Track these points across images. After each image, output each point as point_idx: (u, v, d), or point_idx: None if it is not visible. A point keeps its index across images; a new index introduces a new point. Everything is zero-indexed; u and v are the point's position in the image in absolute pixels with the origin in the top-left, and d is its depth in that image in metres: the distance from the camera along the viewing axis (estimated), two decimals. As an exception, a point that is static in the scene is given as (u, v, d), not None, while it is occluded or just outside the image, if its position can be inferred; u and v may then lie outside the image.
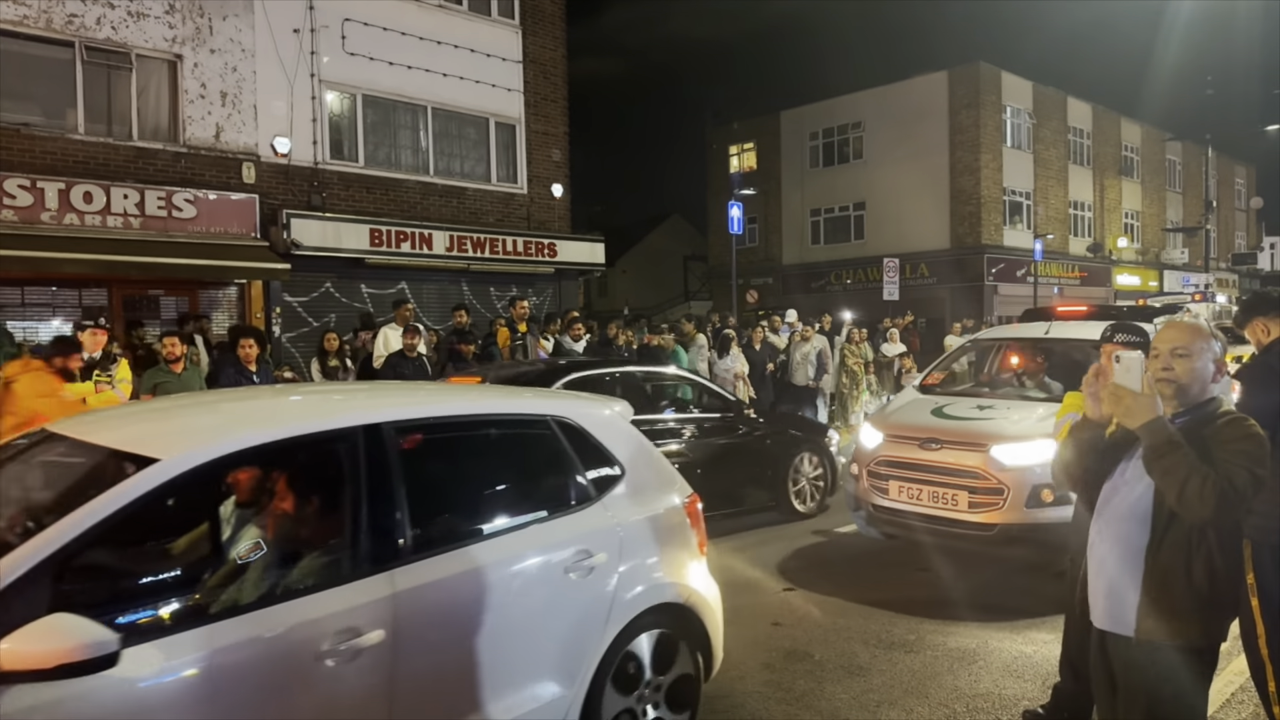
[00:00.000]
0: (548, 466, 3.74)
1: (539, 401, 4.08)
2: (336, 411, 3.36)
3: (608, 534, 3.61)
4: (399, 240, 14.75)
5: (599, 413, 3.97)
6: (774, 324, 14.86)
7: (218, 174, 13.20)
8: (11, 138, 11.46)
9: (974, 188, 28.99)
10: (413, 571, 2.98)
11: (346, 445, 3.04)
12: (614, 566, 3.57)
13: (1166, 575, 2.49)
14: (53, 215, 11.53)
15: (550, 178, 17.70)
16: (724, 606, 4.12)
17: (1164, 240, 38.68)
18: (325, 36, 14.33)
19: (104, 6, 12.18)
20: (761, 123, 34.90)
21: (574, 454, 3.70)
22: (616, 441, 3.89)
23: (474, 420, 3.64)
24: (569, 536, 3.49)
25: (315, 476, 3.14)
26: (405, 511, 3.04)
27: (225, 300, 13.59)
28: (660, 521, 3.87)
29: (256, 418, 3.22)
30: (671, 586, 3.80)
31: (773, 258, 34.11)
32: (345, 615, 2.76)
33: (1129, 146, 36.54)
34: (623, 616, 3.55)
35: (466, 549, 3.18)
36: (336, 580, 2.84)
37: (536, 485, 3.73)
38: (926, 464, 6.34)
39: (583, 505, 3.64)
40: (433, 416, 3.47)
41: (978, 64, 29.28)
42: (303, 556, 2.99)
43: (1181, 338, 2.62)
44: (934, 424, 6.58)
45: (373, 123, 15.25)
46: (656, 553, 3.79)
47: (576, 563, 3.45)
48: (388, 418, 3.19)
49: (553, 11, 17.78)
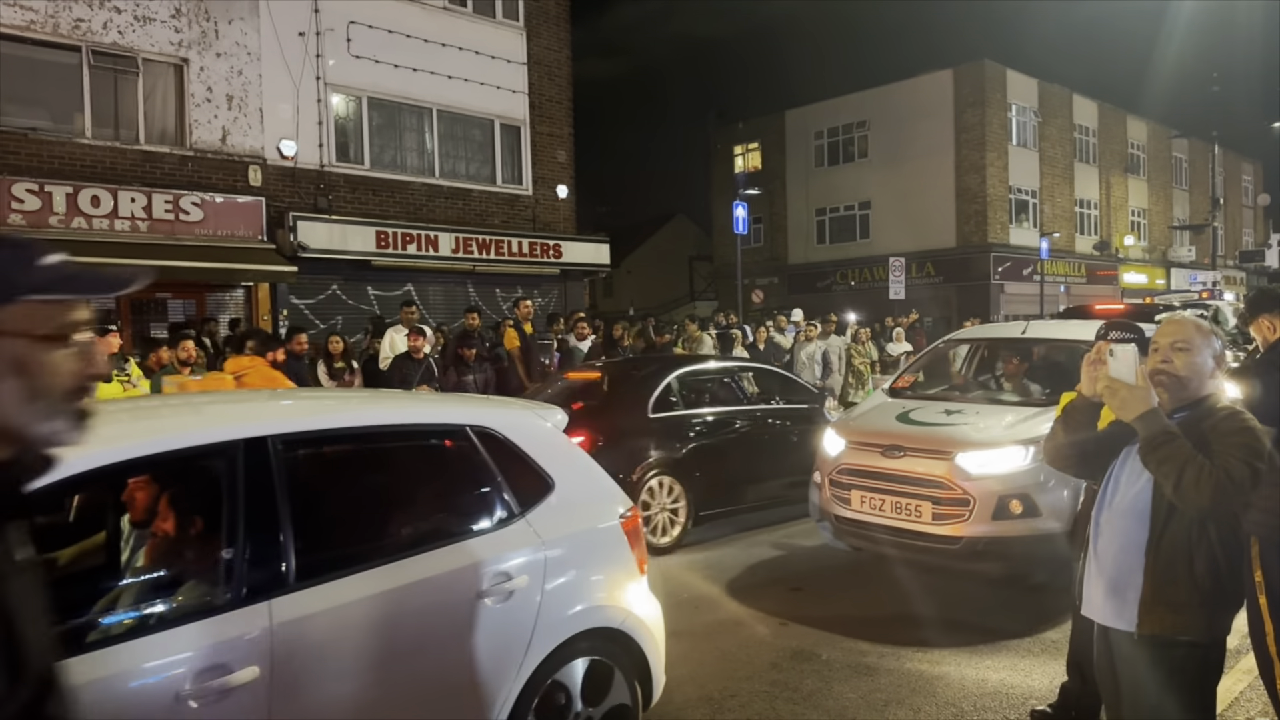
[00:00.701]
0: (463, 481, 3.46)
1: (456, 410, 3.73)
2: (213, 423, 3.01)
3: (531, 554, 3.32)
4: (405, 242, 14.79)
5: (526, 421, 3.64)
6: (780, 323, 14.85)
7: (224, 177, 13.25)
8: (19, 142, 11.52)
9: (980, 186, 28.94)
10: (296, 601, 2.70)
11: (223, 461, 2.76)
12: (537, 589, 3.29)
13: (1168, 571, 2.49)
14: (60, 219, 11.59)
15: (555, 179, 17.73)
16: (731, 604, 4.11)
17: (1171, 238, 38.57)
18: (330, 39, 14.38)
19: (110, 11, 12.24)
20: (766, 122, 34.90)
21: (495, 467, 3.38)
22: (546, 452, 3.57)
23: (378, 431, 3.33)
24: (485, 558, 3.19)
25: (184, 497, 2.87)
26: (290, 535, 2.76)
27: (232, 303, 13.64)
28: (594, 539, 3.61)
29: (115, 433, 2.76)
30: (605, 610, 3.53)
31: (778, 257, 34.10)
32: (212, 651, 2.51)
33: (1135, 144, 36.45)
34: (547, 644, 3.28)
35: (361, 575, 2.89)
36: (203, 612, 2.58)
37: (449, 502, 3.45)
38: (889, 473, 5.97)
39: (503, 523, 3.34)
40: (329, 428, 3.19)
41: (983, 62, 29.24)
42: (162, 587, 2.75)
43: (1181, 332, 2.61)
44: (898, 430, 6.22)
45: (378, 125, 15.29)
46: (589, 573, 3.53)
47: (493, 587, 3.16)
48: (274, 430, 2.91)
49: (557, 13, 17.80)
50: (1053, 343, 7.43)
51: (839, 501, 6.27)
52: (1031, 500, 5.55)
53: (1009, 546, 5.54)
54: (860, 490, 6.13)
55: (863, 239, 31.66)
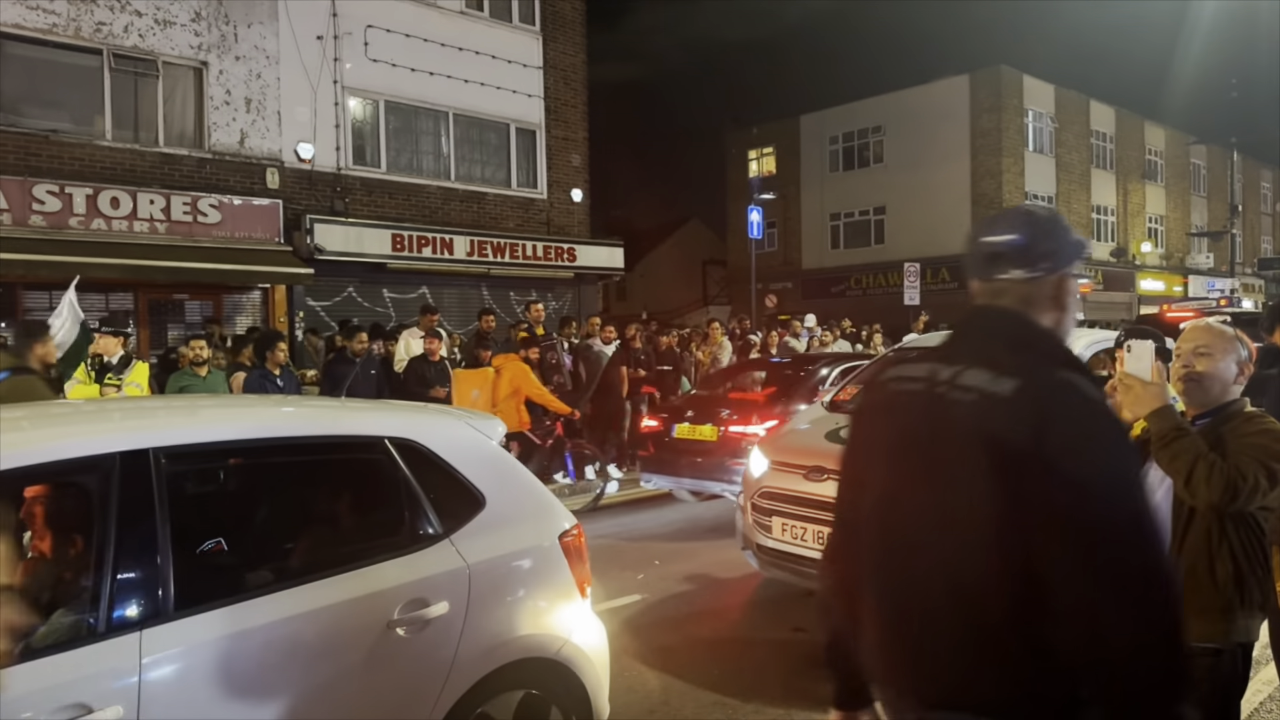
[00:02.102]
0: (378, 499, 3.18)
1: (374, 420, 3.36)
2: (88, 434, 2.69)
3: (453, 578, 3.01)
4: (420, 245, 14.85)
5: (456, 433, 3.35)
6: (794, 328, 14.83)
7: (242, 179, 13.35)
8: (41, 144, 11.64)
9: (996, 192, 28.82)
10: (172, 631, 2.45)
11: (97, 476, 2.50)
12: (459, 617, 2.98)
13: (1189, 577, 2.48)
14: (81, 220, 11.70)
15: (570, 183, 17.78)
16: (748, 610, 4.08)
17: (1188, 245, 38.29)
18: (348, 43, 14.47)
19: (131, 15, 12.35)
20: (781, 127, 34.86)
21: (416, 483, 3.08)
22: (477, 467, 3.27)
23: (280, 444, 3.01)
24: (398, 584, 2.90)
25: (56, 516, 2.65)
26: (169, 558, 2.49)
27: (249, 304, 13.73)
28: (528, 560, 3.32)
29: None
30: (538, 638, 3.23)
31: (792, 262, 34.04)
32: (69, 688, 2.25)
33: (1152, 150, 36.22)
34: (469, 677, 2.98)
35: (252, 603, 2.63)
36: (64, 645, 2.34)
37: (361, 522, 3.19)
38: (810, 498, 5.35)
39: (422, 544, 3.03)
40: (224, 440, 2.88)
41: (999, 67, 29.14)
42: (14, 618, 2.55)
43: (1205, 338, 2.61)
44: (824, 449, 5.59)
45: (395, 128, 15.37)
46: (521, 598, 3.23)
47: (406, 615, 2.87)
48: (158, 441, 2.62)
49: (573, 17, 17.86)
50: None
51: (760, 529, 5.70)
52: None
53: None
54: (781, 517, 5.56)
55: (877, 244, 31.57)
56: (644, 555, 7.48)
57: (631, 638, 5.40)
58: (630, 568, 7.08)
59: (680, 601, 6.27)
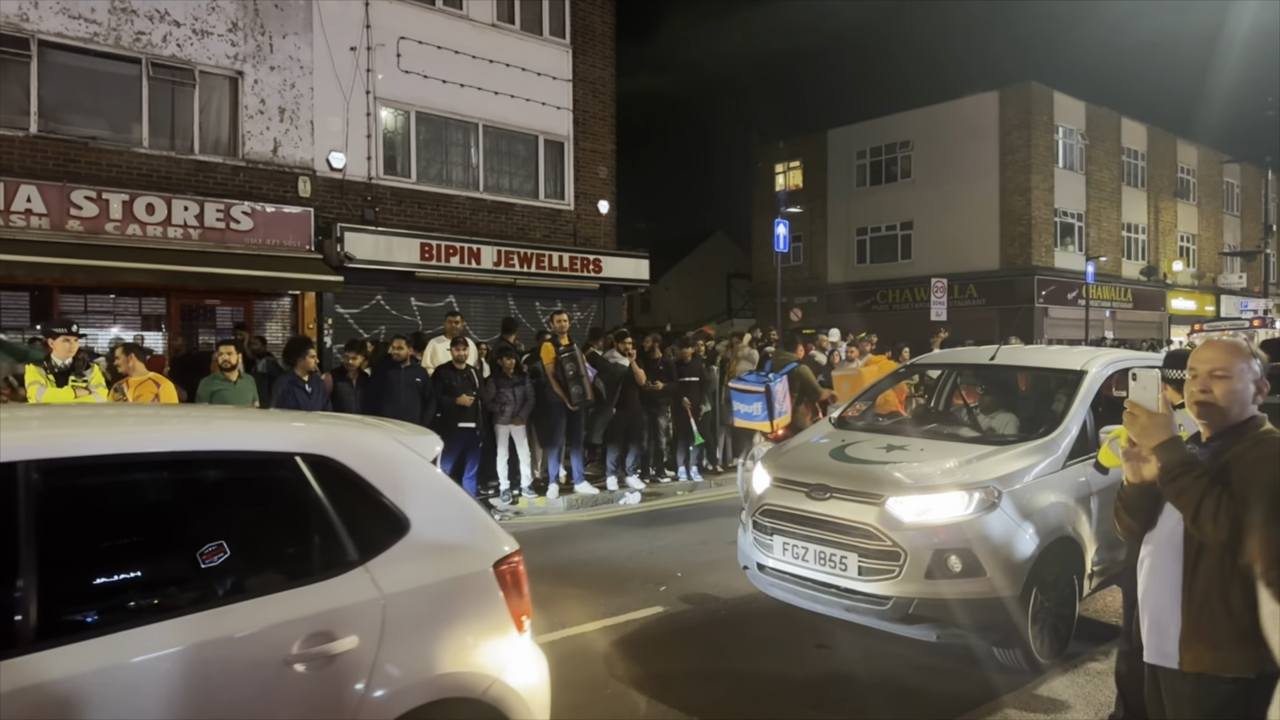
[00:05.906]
0: (283, 521, 2.90)
1: (283, 434, 3.08)
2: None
3: (365, 609, 2.75)
4: (448, 254, 14.98)
5: (379, 448, 3.08)
6: (821, 343, 14.76)
7: (275, 187, 13.52)
8: (80, 150, 11.87)
9: (1025, 208, 28.63)
10: (31, 665, 2.22)
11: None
12: (370, 652, 2.72)
13: (1204, 605, 2.43)
14: (116, 226, 11.90)
15: (597, 194, 17.86)
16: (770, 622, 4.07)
17: (1220, 264, 37.81)
18: (381, 55, 14.65)
19: (170, 25, 12.58)
20: (808, 141, 34.86)
21: (329, 504, 2.82)
22: (403, 486, 2.99)
23: (173, 459, 2.74)
24: (299, 615, 2.64)
25: None
26: (33, 583, 2.28)
27: (279, 311, 13.89)
28: (456, 589, 3.01)
29: None
30: (463, 676, 2.94)
31: (817, 276, 33.97)
32: None
33: (1185, 168, 35.85)
34: (379, 718, 2.72)
35: (127, 634, 2.39)
36: None
37: (261, 547, 2.85)
38: (813, 517, 5.21)
39: (333, 572, 2.77)
40: (107, 453, 2.62)
41: (1029, 84, 28.98)
42: None
43: (1220, 358, 2.51)
44: (828, 466, 5.45)
45: (425, 139, 15.53)
46: (445, 631, 2.93)
47: (307, 650, 2.61)
48: (29, 454, 2.39)
49: (603, 31, 17.98)
50: (1024, 371, 6.72)
51: (761, 547, 5.56)
52: (973, 556, 4.77)
53: (946, 610, 4.77)
54: (783, 535, 5.40)
55: (904, 259, 31.44)
56: (667, 567, 7.48)
57: (653, 651, 5.39)
58: (652, 579, 7.08)
59: (701, 614, 6.27)
